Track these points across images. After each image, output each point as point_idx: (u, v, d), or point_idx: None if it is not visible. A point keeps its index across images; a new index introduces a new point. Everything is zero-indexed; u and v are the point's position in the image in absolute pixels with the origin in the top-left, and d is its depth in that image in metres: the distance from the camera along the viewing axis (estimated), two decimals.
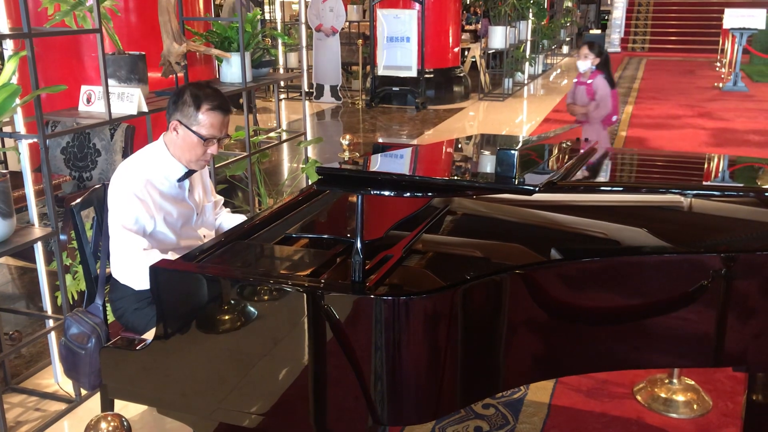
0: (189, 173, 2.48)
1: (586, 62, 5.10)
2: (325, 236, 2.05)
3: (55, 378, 3.09)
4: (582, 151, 2.52)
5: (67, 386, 3.02)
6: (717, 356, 1.98)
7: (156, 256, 2.29)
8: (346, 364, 1.67)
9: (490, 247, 2.01)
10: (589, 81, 5.10)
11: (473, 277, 1.69)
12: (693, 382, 3.01)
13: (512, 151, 1.65)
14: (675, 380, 2.99)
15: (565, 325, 1.89)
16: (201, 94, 2.35)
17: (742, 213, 2.33)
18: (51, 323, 3.00)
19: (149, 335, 2.11)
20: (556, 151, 2.30)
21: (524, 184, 1.68)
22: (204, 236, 2.59)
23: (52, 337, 3.02)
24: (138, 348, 1.91)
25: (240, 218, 2.71)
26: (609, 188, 2.36)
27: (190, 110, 2.34)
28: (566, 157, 2.25)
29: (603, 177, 2.47)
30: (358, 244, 1.63)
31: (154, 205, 2.39)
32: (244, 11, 3.91)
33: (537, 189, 1.67)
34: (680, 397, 2.94)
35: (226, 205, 2.88)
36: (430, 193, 1.88)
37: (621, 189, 2.35)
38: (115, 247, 2.39)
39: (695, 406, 2.92)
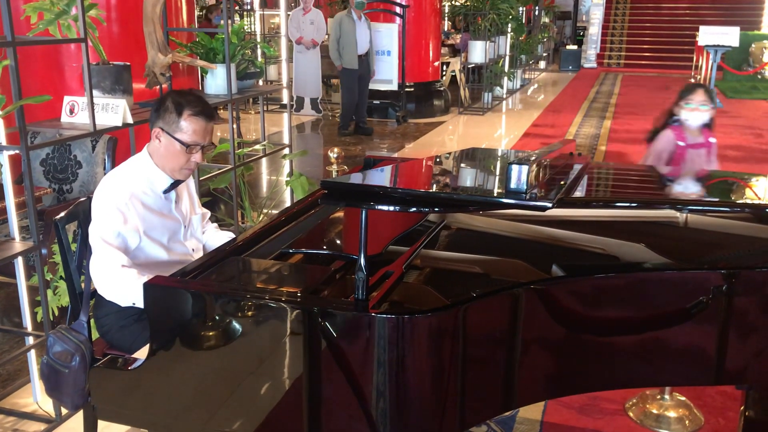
0: (175, 184, 2.42)
1: (702, 115, 3.46)
2: (324, 252, 2.00)
3: (35, 397, 2.99)
4: (575, 166, 2.51)
5: (46, 405, 2.92)
6: (718, 374, 1.96)
7: (132, 276, 2.21)
8: (349, 382, 1.62)
9: (491, 263, 1.98)
10: (711, 140, 3.54)
11: (479, 295, 1.65)
12: (684, 398, 3.00)
13: (524, 166, 1.62)
14: (667, 396, 2.98)
15: (571, 342, 1.86)
16: (183, 101, 2.31)
17: (738, 229, 2.33)
18: (31, 340, 2.90)
19: (139, 354, 2.05)
20: (551, 167, 2.28)
21: (536, 199, 1.65)
22: (193, 249, 2.52)
23: (32, 354, 2.93)
24: (130, 368, 1.84)
25: (227, 235, 2.64)
26: (605, 203, 2.34)
27: (172, 117, 2.29)
28: (562, 172, 2.23)
29: (598, 192, 2.45)
30: (362, 261, 1.58)
31: (139, 219, 2.32)
32: (352, 26, 3.84)
33: (552, 205, 1.64)
34: (672, 414, 2.93)
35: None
36: (437, 209, 1.85)
37: (617, 204, 2.33)
38: (94, 259, 2.32)
39: (687, 423, 2.90)
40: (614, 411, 2.98)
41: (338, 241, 2.28)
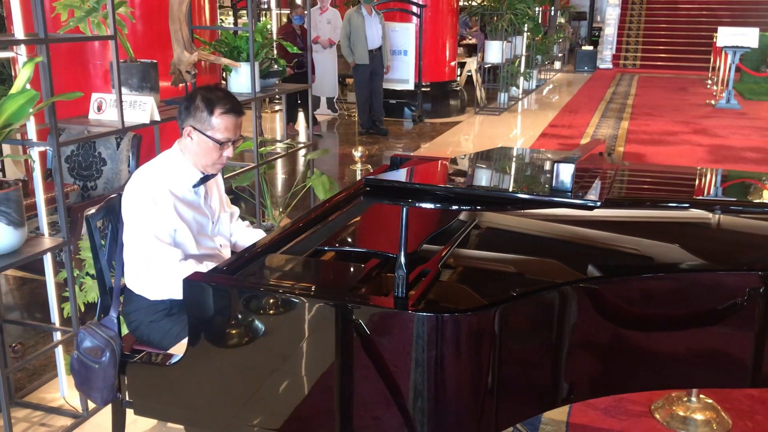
0: (205, 179, 2.45)
1: None
2: (359, 249, 2.00)
3: (62, 392, 3.01)
4: (604, 166, 2.50)
5: (73, 400, 2.94)
6: (755, 376, 1.95)
7: (192, 267, 2.27)
8: (386, 380, 1.62)
9: (525, 262, 1.98)
10: None
11: (518, 294, 1.65)
12: (711, 401, 2.98)
13: (570, 164, 1.61)
14: (693, 398, 2.96)
15: (611, 342, 1.85)
16: (213, 98, 2.34)
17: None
18: (59, 336, 2.92)
19: (175, 350, 2.06)
20: (586, 167, 2.27)
21: (583, 198, 1.64)
22: (221, 245, 2.54)
23: (59, 350, 2.95)
24: (168, 363, 1.85)
25: (258, 233, 2.67)
26: (643, 203, 2.33)
27: (203, 115, 2.33)
28: (597, 172, 2.22)
29: (632, 192, 2.44)
30: (402, 259, 1.58)
31: (175, 212, 2.36)
32: (362, 21, 3.85)
33: (598, 204, 1.64)
34: (699, 416, 2.91)
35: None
36: (481, 207, 1.84)
37: (651, 204, 2.32)
38: (143, 259, 2.34)
39: (714, 426, 2.88)
40: (640, 413, 2.97)
41: (372, 239, 2.28)
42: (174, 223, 2.34)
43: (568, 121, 10.51)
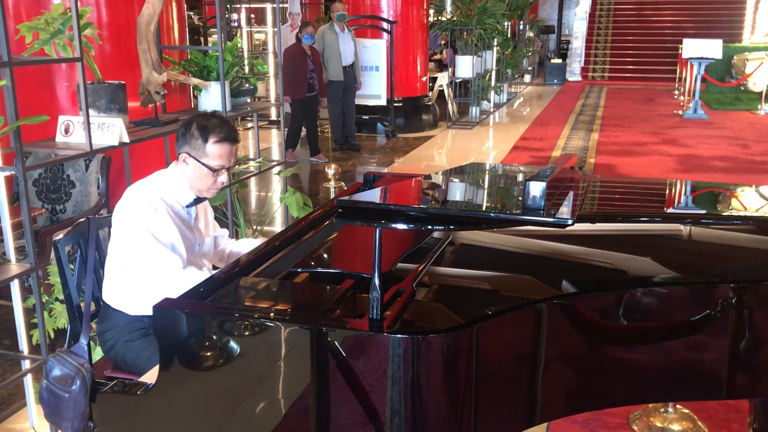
0: (198, 200, 2.49)
1: None
2: (333, 270, 1.98)
3: (31, 422, 2.93)
4: (579, 180, 2.51)
5: (43, 430, 2.86)
6: (729, 388, 1.96)
7: (195, 273, 2.30)
8: (362, 401, 1.60)
9: (499, 279, 1.97)
10: None
11: (493, 313, 1.64)
12: (688, 411, 3.00)
13: (541, 182, 1.62)
14: (671, 409, 2.98)
15: (586, 359, 1.84)
16: (208, 126, 2.38)
17: (741, 241, 2.34)
18: (27, 364, 2.85)
19: (147, 377, 2.01)
20: (558, 181, 2.28)
21: (556, 216, 1.64)
22: (204, 267, 2.54)
23: (28, 378, 2.87)
24: (140, 392, 1.80)
25: (251, 242, 2.71)
26: (611, 218, 2.34)
27: (198, 143, 2.37)
28: (569, 187, 2.23)
29: (604, 207, 2.46)
30: (376, 280, 1.57)
31: (171, 224, 2.38)
32: (335, 38, 3.82)
33: (572, 221, 1.64)
34: (676, 426, 2.92)
35: None
36: (454, 227, 1.84)
37: (623, 219, 2.33)
38: (149, 270, 2.33)
39: None
40: (618, 425, 2.97)
41: (347, 259, 2.26)
42: (172, 234, 2.37)
43: (539, 134, 10.61)
